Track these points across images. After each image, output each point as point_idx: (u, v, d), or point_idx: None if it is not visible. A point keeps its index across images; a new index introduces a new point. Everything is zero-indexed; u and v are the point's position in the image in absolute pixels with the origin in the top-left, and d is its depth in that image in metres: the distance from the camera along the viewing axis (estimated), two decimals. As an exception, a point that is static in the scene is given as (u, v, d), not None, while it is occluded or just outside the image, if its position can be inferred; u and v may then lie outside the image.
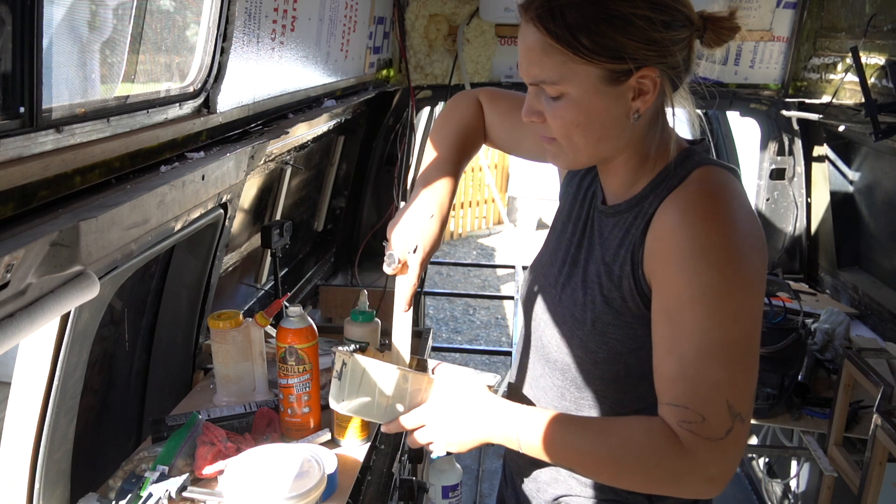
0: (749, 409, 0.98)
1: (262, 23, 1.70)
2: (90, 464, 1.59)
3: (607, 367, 1.11)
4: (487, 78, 3.16)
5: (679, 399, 0.98)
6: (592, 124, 1.03)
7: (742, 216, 1.00)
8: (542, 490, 1.24)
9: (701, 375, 0.96)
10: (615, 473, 1.05)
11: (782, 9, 2.95)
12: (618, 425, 1.04)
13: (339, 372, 1.14)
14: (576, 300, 1.14)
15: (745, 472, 3.58)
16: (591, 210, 1.19)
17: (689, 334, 0.97)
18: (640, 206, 1.08)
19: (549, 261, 1.25)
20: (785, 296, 2.47)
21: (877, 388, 1.98)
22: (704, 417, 0.96)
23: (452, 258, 7.95)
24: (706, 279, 0.97)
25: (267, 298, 2.61)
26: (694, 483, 0.99)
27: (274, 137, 1.84)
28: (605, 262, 1.11)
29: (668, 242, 1.00)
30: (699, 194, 1.01)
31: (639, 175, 1.10)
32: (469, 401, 1.11)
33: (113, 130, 1.21)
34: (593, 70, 0.98)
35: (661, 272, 1.02)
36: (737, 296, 0.97)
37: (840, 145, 2.99)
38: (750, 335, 0.99)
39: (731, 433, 0.96)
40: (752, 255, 0.99)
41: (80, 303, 1.11)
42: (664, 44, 0.98)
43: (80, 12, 1.14)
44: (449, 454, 2.40)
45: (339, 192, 3.36)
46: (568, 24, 0.97)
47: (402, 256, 1.18)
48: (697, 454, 0.96)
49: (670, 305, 1.00)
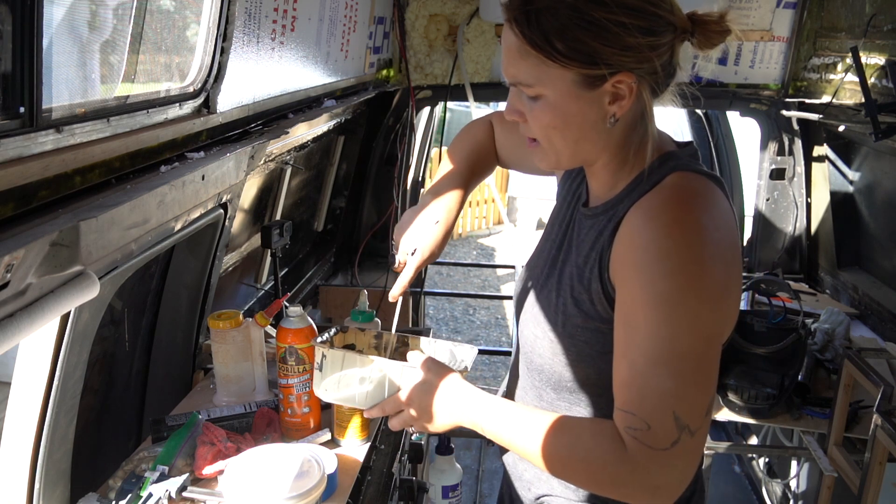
0: (699, 423, 0.96)
1: (262, 23, 1.70)
2: (90, 464, 1.59)
3: (577, 370, 1.12)
4: (487, 78, 3.16)
5: (627, 405, 0.97)
6: (569, 127, 1.03)
7: (711, 225, 0.98)
8: (528, 488, 1.26)
9: (648, 383, 0.95)
10: (562, 471, 1.06)
11: (782, 9, 2.95)
12: (569, 424, 1.05)
13: (320, 363, 1.22)
14: (550, 301, 1.14)
15: (745, 472, 3.58)
16: (574, 211, 1.20)
17: (640, 341, 0.97)
18: (614, 210, 1.08)
19: (534, 262, 1.27)
20: (785, 296, 2.47)
21: (877, 388, 1.98)
22: (650, 426, 0.94)
23: (452, 258, 7.95)
24: (660, 286, 0.96)
25: (267, 298, 2.61)
26: (635, 491, 0.98)
27: (274, 137, 1.84)
28: (577, 265, 1.11)
29: (630, 246, 1.00)
30: (667, 199, 1.00)
31: (618, 178, 1.10)
32: (439, 387, 1.13)
33: (113, 130, 1.21)
34: (568, 74, 0.99)
35: (622, 276, 1.01)
36: (691, 306, 0.95)
37: (840, 145, 2.98)
38: (704, 348, 0.97)
39: (677, 445, 0.94)
40: (714, 266, 0.97)
41: (80, 303, 1.11)
42: (641, 49, 0.97)
43: (80, 12, 1.14)
44: (448, 454, 2.40)
45: (339, 192, 3.36)
46: (542, 29, 0.97)
47: (401, 258, 1.24)
48: (640, 462, 0.95)
49: (627, 310, 1.00)
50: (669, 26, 0.99)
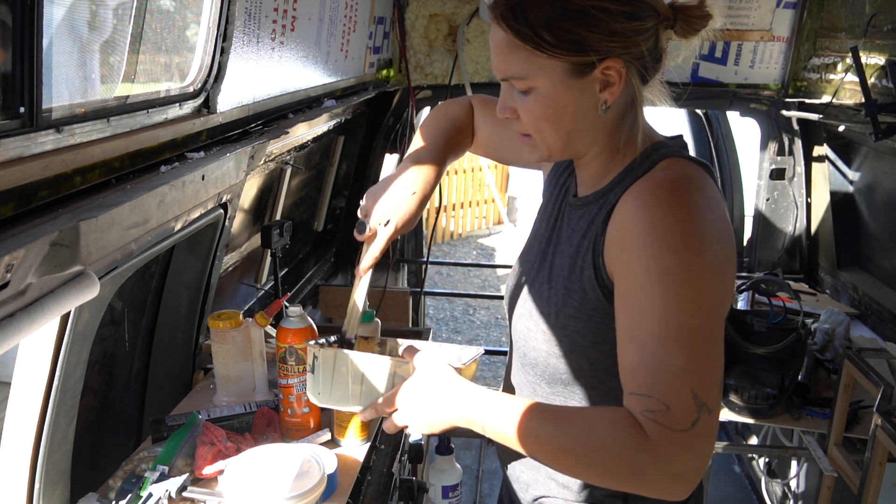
0: (716, 401, 0.94)
1: (262, 23, 1.70)
2: (90, 464, 1.59)
3: (570, 361, 1.11)
4: (487, 78, 3.16)
5: (642, 387, 0.93)
6: (562, 117, 1.04)
7: (704, 205, 0.99)
8: (524, 490, 1.25)
9: (662, 363, 0.93)
10: (576, 464, 0.99)
11: (782, 9, 2.95)
12: (581, 414, 1.02)
13: (312, 366, 1.17)
14: (541, 294, 1.14)
15: (745, 472, 3.58)
16: (562, 204, 1.20)
17: (648, 321, 0.95)
18: (605, 198, 1.08)
19: (524, 257, 1.27)
20: (785, 296, 2.47)
21: (877, 388, 1.98)
22: (669, 406, 0.91)
23: (452, 258, 7.95)
24: (662, 263, 0.95)
25: (267, 298, 2.61)
26: (658, 478, 0.93)
27: (274, 137, 1.84)
28: (568, 255, 1.11)
29: (626, 229, 1.00)
30: (660, 183, 1.01)
31: (608, 168, 1.11)
32: (435, 384, 1.08)
33: (113, 130, 1.21)
34: (558, 63, 1.00)
35: (620, 260, 1.01)
36: (695, 280, 0.95)
37: (840, 145, 2.98)
38: (711, 322, 0.96)
39: (697, 424, 0.91)
40: (712, 243, 0.97)
41: (80, 303, 1.11)
42: (627, 35, 0.99)
43: (80, 12, 1.14)
44: (448, 454, 2.40)
45: (339, 192, 3.36)
46: (529, 21, 0.99)
47: (373, 226, 1.18)
48: (661, 445, 0.91)
49: (629, 292, 0.99)
50: (653, 11, 1.01)
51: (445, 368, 1.11)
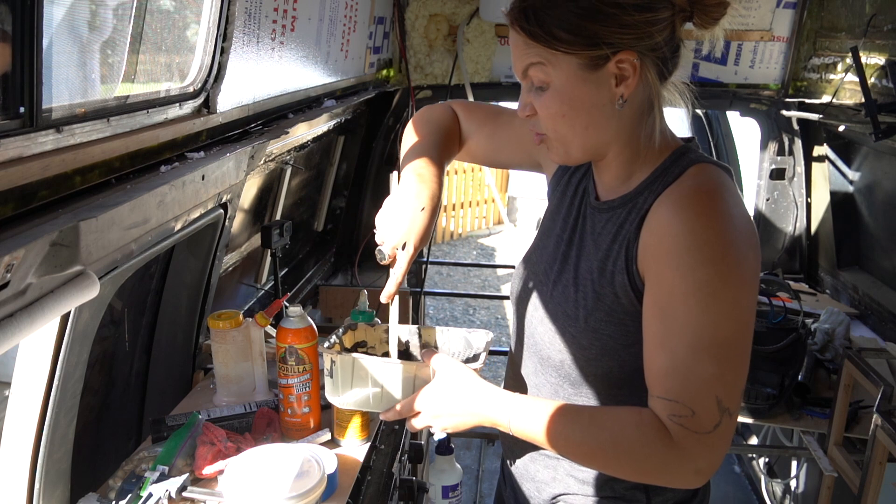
0: (737, 404, 1.00)
1: (262, 23, 1.70)
2: (90, 464, 1.59)
3: (600, 364, 1.12)
4: (487, 78, 3.16)
5: (670, 393, 0.99)
6: (578, 113, 1.05)
7: (737, 214, 1.01)
8: (541, 490, 1.25)
9: (692, 371, 0.97)
10: (605, 464, 1.07)
11: (782, 9, 2.96)
12: (609, 417, 1.05)
13: (330, 370, 1.20)
14: (567, 297, 1.14)
15: (745, 472, 3.58)
16: (582, 207, 1.20)
17: (681, 330, 0.98)
18: (634, 202, 1.09)
19: (539, 258, 1.26)
20: (785, 296, 2.47)
21: (877, 388, 1.98)
22: (695, 412, 0.97)
23: (452, 258, 7.96)
24: (701, 275, 0.97)
25: (267, 298, 2.61)
26: (682, 474, 1.02)
27: (274, 137, 1.84)
28: (597, 259, 1.11)
29: (664, 237, 1.01)
30: (695, 191, 1.02)
31: (632, 169, 1.10)
32: (458, 387, 1.12)
33: (113, 130, 1.21)
34: (572, 59, 1.01)
35: (655, 267, 1.02)
36: (731, 293, 0.98)
37: (840, 145, 2.99)
38: (743, 333, 0.99)
39: (718, 427, 0.97)
40: (748, 253, 0.99)
41: (80, 303, 1.11)
42: (639, 26, 0.99)
43: (80, 12, 1.14)
44: (448, 454, 2.40)
45: (339, 192, 3.36)
46: (541, 22, 1.01)
47: (390, 252, 1.18)
48: (686, 447, 0.98)
49: (663, 301, 1.00)
50: (667, 2, 1.01)
51: (465, 370, 1.14)
